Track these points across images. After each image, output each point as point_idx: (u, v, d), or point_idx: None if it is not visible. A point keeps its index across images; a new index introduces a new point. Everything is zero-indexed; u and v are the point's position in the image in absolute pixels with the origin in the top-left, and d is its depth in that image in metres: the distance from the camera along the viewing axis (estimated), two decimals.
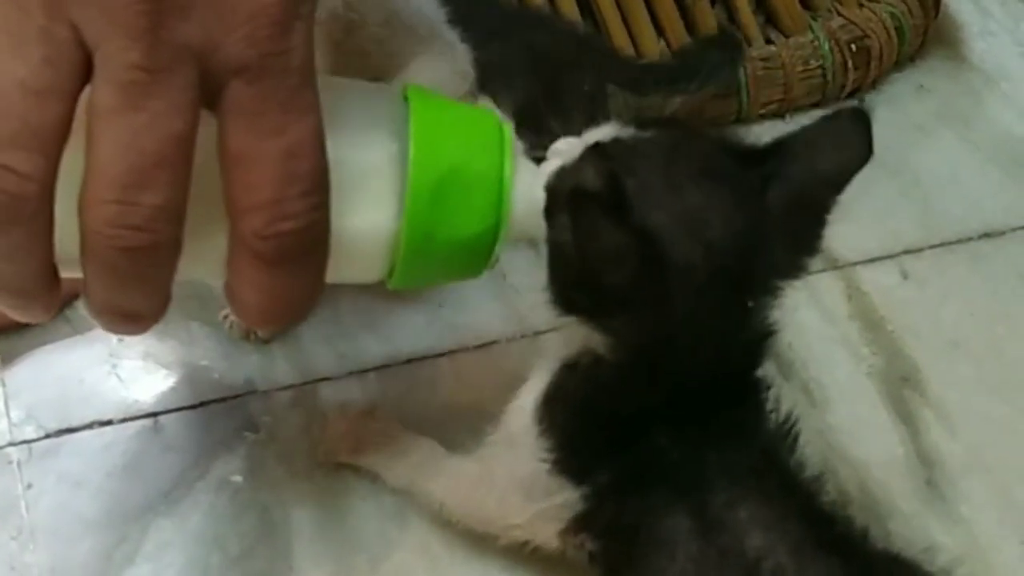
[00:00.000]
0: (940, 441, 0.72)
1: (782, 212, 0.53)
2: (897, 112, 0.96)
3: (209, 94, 0.44)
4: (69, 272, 0.46)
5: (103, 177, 0.43)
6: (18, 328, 0.74)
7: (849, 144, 0.54)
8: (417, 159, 0.51)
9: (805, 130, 0.55)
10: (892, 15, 0.96)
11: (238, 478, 0.68)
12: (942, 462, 0.71)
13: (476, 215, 0.52)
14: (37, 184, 0.43)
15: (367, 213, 0.52)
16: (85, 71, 0.43)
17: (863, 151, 0.54)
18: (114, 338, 0.74)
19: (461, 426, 0.71)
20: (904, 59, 0.98)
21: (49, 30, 0.42)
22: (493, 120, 0.54)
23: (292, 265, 0.46)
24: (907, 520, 0.68)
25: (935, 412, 0.74)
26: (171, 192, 0.43)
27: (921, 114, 0.96)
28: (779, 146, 0.55)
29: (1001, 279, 0.83)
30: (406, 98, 0.53)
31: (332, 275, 0.49)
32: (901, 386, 0.75)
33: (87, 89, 0.43)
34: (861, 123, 0.54)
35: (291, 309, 0.49)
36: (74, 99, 0.43)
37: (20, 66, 0.42)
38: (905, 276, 0.83)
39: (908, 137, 0.94)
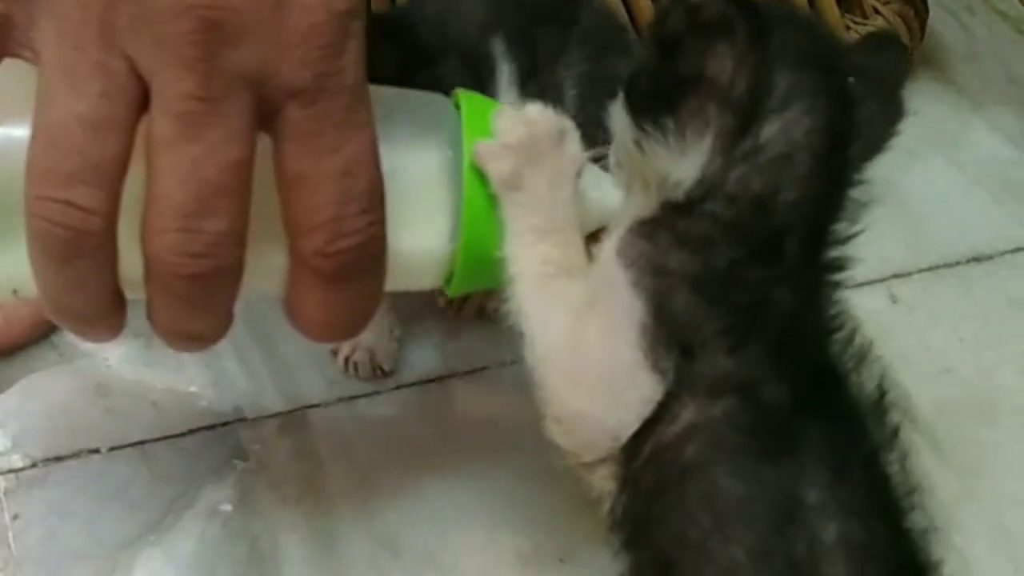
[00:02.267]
0: (931, 468, 0.72)
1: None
2: None
3: (264, 117, 0.44)
4: (134, 294, 0.47)
5: (165, 206, 0.44)
6: (5, 356, 0.74)
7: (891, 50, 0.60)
8: (471, 165, 0.52)
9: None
10: None
11: (227, 507, 0.68)
12: (933, 489, 0.71)
13: None
14: (100, 218, 0.44)
15: (424, 222, 0.53)
16: (142, 102, 0.43)
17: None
18: (102, 365, 0.74)
19: (452, 452, 0.71)
20: None
21: (104, 64, 0.43)
22: None
23: (352, 281, 0.48)
24: None
25: (926, 439, 0.74)
26: (232, 218, 0.44)
27: (909, 137, 0.95)
28: None
29: (990, 304, 0.83)
30: (457, 105, 0.54)
31: (391, 284, 0.50)
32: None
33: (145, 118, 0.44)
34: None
35: (351, 322, 0.50)
36: (132, 131, 0.44)
37: (78, 101, 0.43)
38: (894, 301, 0.83)
39: (896, 160, 0.93)
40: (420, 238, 0.53)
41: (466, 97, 0.55)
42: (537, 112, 0.54)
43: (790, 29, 0.52)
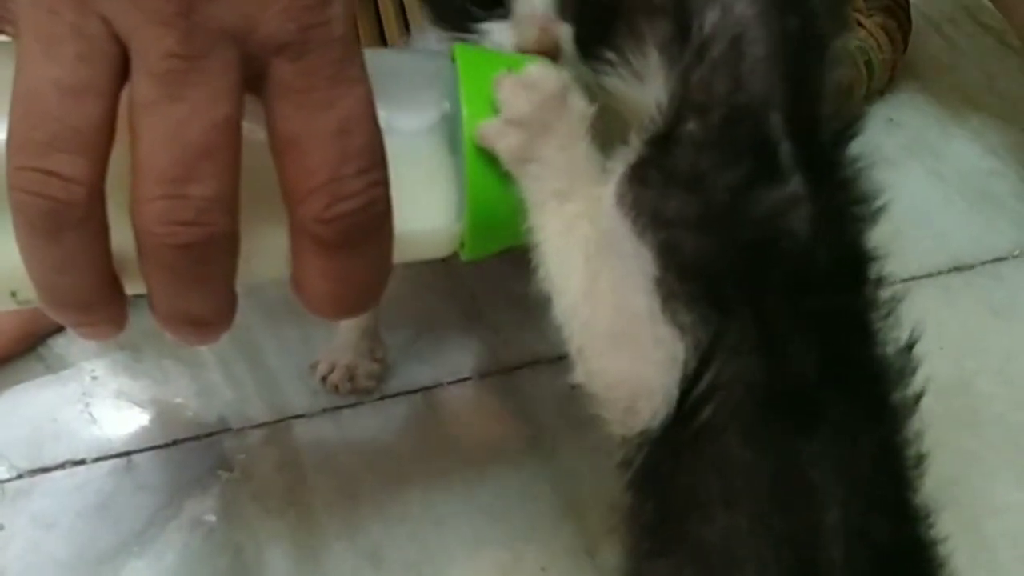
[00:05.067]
0: None
1: None
2: (867, 145, 0.96)
3: (251, 77, 0.42)
4: (133, 286, 0.45)
5: (149, 173, 0.41)
6: None
7: None
8: (471, 117, 0.50)
9: None
10: (861, 49, 0.96)
11: (212, 517, 0.68)
12: None
13: None
14: (83, 187, 0.41)
15: (426, 181, 0.51)
16: (122, 67, 0.41)
17: None
18: (87, 376, 0.75)
19: (435, 464, 0.71)
20: (873, 93, 0.99)
21: (80, 26, 0.41)
22: None
23: (357, 246, 0.45)
24: None
25: None
26: (220, 182, 0.42)
27: (890, 147, 0.96)
28: None
29: (971, 313, 0.83)
30: (453, 58, 0.52)
31: (401, 254, 0.47)
32: None
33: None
34: None
35: (362, 293, 0.47)
36: (114, 96, 0.42)
37: (54, 67, 0.41)
38: None
39: (877, 170, 0.94)
40: (425, 197, 0.51)
41: (462, 49, 0.53)
42: (537, 73, 0.51)
43: None
